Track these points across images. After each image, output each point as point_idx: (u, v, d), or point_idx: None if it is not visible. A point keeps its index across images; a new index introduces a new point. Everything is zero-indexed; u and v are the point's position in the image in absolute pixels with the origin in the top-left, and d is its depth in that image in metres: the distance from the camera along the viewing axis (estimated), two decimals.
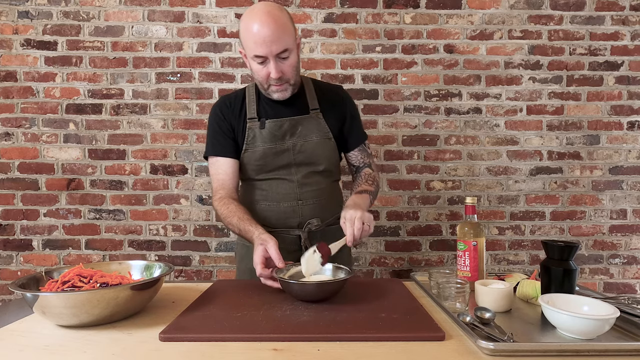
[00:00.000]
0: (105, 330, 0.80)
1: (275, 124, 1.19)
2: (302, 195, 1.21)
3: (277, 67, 1.08)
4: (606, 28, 2.04)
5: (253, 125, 1.20)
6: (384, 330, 0.76)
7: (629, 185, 2.07)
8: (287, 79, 1.13)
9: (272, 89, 1.15)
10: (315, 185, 1.23)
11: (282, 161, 1.20)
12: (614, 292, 2.07)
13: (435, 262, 2.08)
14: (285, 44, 1.07)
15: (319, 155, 1.22)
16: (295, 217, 1.22)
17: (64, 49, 1.99)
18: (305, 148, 1.20)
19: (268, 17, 1.04)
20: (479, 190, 2.07)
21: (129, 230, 2.02)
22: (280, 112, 1.20)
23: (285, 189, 1.21)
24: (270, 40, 1.04)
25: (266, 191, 1.23)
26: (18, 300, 1.01)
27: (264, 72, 1.11)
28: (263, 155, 1.19)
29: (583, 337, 0.72)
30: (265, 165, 1.20)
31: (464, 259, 1.03)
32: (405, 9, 2.02)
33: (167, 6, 1.99)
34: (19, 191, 2.00)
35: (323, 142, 1.22)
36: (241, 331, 0.76)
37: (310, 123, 1.21)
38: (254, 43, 1.05)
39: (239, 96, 1.25)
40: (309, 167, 1.21)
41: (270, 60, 1.07)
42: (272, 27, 1.04)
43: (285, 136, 1.19)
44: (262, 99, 1.23)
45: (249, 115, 1.20)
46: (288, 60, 1.10)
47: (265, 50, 1.05)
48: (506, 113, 2.05)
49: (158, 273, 0.98)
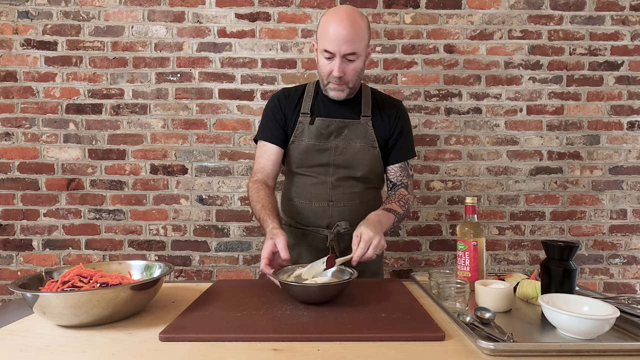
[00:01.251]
0: (105, 330, 0.80)
1: (324, 122, 1.23)
2: (334, 197, 1.24)
3: (340, 67, 1.12)
4: (606, 28, 2.04)
5: (304, 120, 1.24)
6: (384, 330, 0.76)
7: (629, 185, 2.07)
8: (346, 81, 1.17)
9: (330, 86, 1.18)
10: (349, 188, 1.25)
11: (323, 160, 1.23)
12: (614, 292, 2.07)
13: (435, 262, 2.08)
14: (355, 47, 1.11)
15: (359, 161, 1.24)
16: (324, 218, 1.25)
17: (64, 49, 1.99)
18: (346, 151, 1.23)
19: (348, 19, 1.09)
20: (479, 190, 2.07)
21: (129, 230, 2.02)
22: (332, 112, 1.24)
23: (318, 188, 1.24)
24: (342, 40, 1.09)
25: (299, 188, 1.27)
26: (18, 300, 1.01)
27: (327, 68, 1.15)
28: (306, 149, 1.23)
29: (583, 337, 0.72)
30: (306, 159, 1.24)
31: (464, 259, 1.03)
32: (405, 9, 2.02)
33: (167, 6, 1.99)
34: (19, 191, 2.00)
35: (366, 149, 1.24)
36: (241, 331, 0.76)
37: (357, 128, 1.24)
38: (327, 38, 1.10)
39: (299, 90, 1.30)
40: (346, 170, 1.24)
41: (337, 58, 1.11)
42: (348, 29, 1.09)
43: (330, 136, 1.23)
44: (320, 97, 1.27)
45: (303, 110, 1.25)
46: (353, 64, 1.14)
47: (335, 48, 1.10)
48: (506, 113, 2.05)
49: (158, 273, 0.98)
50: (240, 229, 2.03)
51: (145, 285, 0.85)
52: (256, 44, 2.01)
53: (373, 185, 1.32)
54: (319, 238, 1.26)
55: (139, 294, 0.84)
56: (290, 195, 1.30)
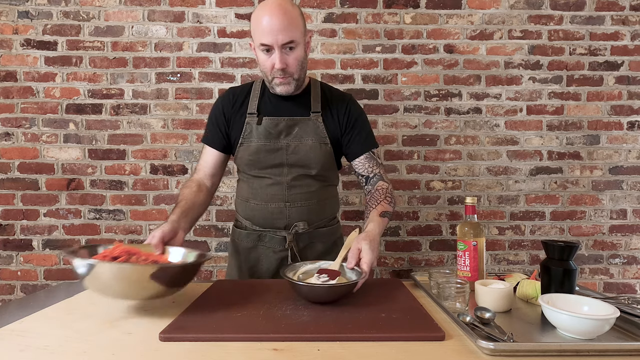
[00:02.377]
0: (105, 330, 0.80)
1: (272, 121, 1.19)
2: (290, 197, 1.21)
3: (281, 58, 1.09)
4: (606, 28, 2.04)
5: (251, 120, 1.21)
6: (384, 330, 0.76)
7: (629, 185, 2.07)
8: (291, 72, 1.13)
9: (275, 81, 1.15)
10: (305, 188, 1.22)
11: (275, 160, 1.20)
12: (614, 292, 2.07)
13: (435, 262, 2.08)
14: (292, 35, 1.08)
15: (312, 158, 1.20)
16: (282, 219, 1.22)
17: (64, 49, 1.99)
18: (299, 149, 1.19)
19: (278, 8, 1.07)
20: (479, 190, 2.07)
21: (129, 230, 2.02)
22: (280, 110, 1.21)
23: (273, 189, 1.21)
24: (277, 30, 1.06)
25: (255, 190, 1.24)
26: (18, 300, 1.01)
27: (269, 63, 1.12)
28: (257, 151, 1.20)
29: (583, 337, 0.72)
30: (257, 161, 1.20)
31: (464, 259, 1.03)
32: (405, 9, 2.02)
33: (167, 6, 1.99)
34: (19, 191, 2.00)
35: (318, 146, 1.21)
36: (241, 331, 0.76)
37: (307, 125, 1.21)
38: (262, 31, 1.08)
39: (245, 90, 1.27)
40: (301, 169, 1.21)
41: (275, 50, 1.09)
42: (281, 18, 1.06)
43: (280, 135, 1.19)
44: (266, 95, 1.24)
45: (249, 110, 1.22)
46: (293, 53, 1.11)
47: (271, 39, 1.07)
48: (506, 113, 2.05)
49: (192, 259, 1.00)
50: None
51: (193, 266, 0.90)
52: None
53: (329, 182, 1.29)
54: (277, 239, 1.24)
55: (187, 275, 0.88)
56: (246, 197, 1.26)
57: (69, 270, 2.01)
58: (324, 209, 1.27)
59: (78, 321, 0.85)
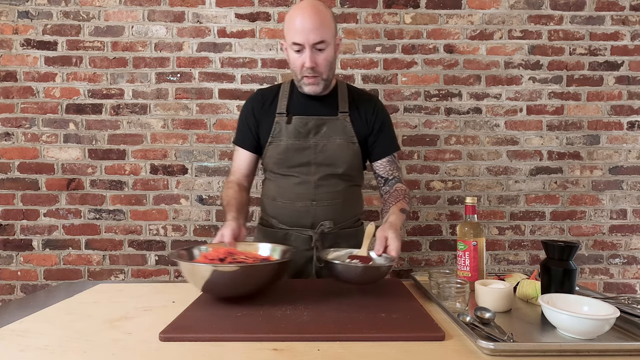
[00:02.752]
0: (105, 330, 0.80)
1: (301, 120, 1.22)
2: (317, 196, 1.22)
3: (311, 57, 1.12)
4: (606, 28, 2.04)
5: (280, 120, 1.23)
6: (384, 330, 0.76)
7: (629, 185, 2.07)
8: (320, 72, 1.16)
9: (304, 81, 1.18)
10: (332, 187, 1.23)
11: (303, 159, 1.22)
12: (614, 292, 2.07)
13: (435, 262, 2.08)
14: (322, 35, 1.11)
15: (340, 157, 1.22)
16: (308, 217, 1.23)
17: (64, 49, 1.99)
18: (327, 148, 1.22)
19: (311, 9, 1.11)
20: (479, 190, 2.07)
21: (129, 230, 2.02)
22: (308, 110, 1.23)
23: (301, 188, 1.23)
24: (308, 29, 1.10)
25: (282, 188, 1.25)
26: (18, 300, 1.01)
27: (299, 62, 1.15)
28: (286, 149, 1.22)
29: (583, 337, 0.72)
30: (286, 159, 1.22)
31: (464, 259, 1.03)
32: (405, 9, 2.02)
33: (167, 6, 1.99)
34: (19, 191, 2.00)
35: (346, 145, 1.23)
36: (241, 331, 0.76)
37: (335, 125, 1.23)
38: (294, 31, 1.11)
39: (273, 91, 1.30)
40: (328, 168, 1.22)
41: (306, 49, 1.12)
42: (313, 18, 1.10)
43: (309, 134, 1.22)
44: (295, 95, 1.26)
45: (279, 110, 1.24)
46: (323, 53, 1.14)
47: (302, 38, 1.10)
48: (506, 113, 2.05)
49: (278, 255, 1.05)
50: None
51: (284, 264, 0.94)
52: (256, 44, 2.01)
53: (354, 182, 1.31)
54: (303, 238, 1.24)
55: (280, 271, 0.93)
56: (272, 196, 1.28)
57: (69, 270, 2.01)
58: (349, 209, 1.28)
59: (78, 321, 0.85)
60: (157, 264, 2.03)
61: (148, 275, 2.03)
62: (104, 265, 2.02)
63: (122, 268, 2.03)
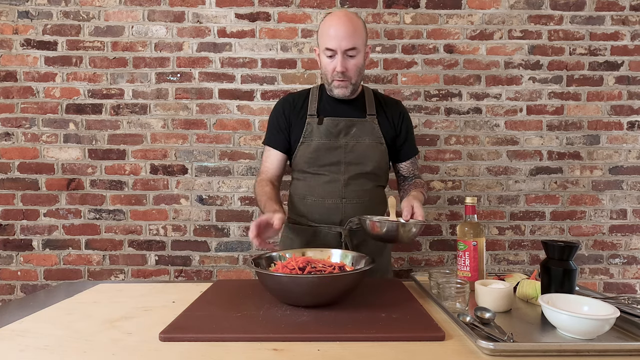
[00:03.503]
0: (105, 330, 0.80)
1: (332, 121, 1.28)
2: (346, 194, 1.28)
3: (342, 62, 1.20)
4: (606, 28, 2.04)
5: (312, 121, 1.30)
6: (384, 330, 0.76)
7: (629, 185, 2.07)
8: (349, 77, 1.23)
9: (334, 84, 1.25)
10: (360, 186, 1.29)
11: (334, 158, 1.27)
12: (614, 292, 2.07)
13: (435, 262, 2.08)
14: (354, 42, 1.19)
15: (368, 157, 1.29)
16: (337, 214, 1.28)
17: (64, 49, 1.99)
18: (356, 148, 1.28)
19: (345, 17, 1.20)
20: (479, 190, 2.07)
21: (129, 230, 2.02)
22: (338, 112, 1.30)
23: (330, 186, 1.28)
24: (342, 36, 1.17)
25: (313, 187, 1.30)
26: (18, 300, 1.01)
27: (331, 66, 1.22)
28: (317, 149, 1.27)
29: (583, 337, 0.72)
30: (317, 158, 1.28)
31: (464, 259, 1.03)
32: (405, 9, 2.02)
33: (167, 6, 1.99)
34: (19, 191, 2.00)
35: (374, 145, 1.30)
36: (241, 331, 0.76)
37: (364, 126, 1.30)
38: (328, 37, 1.19)
39: (303, 95, 1.36)
40: (357, 167, 1.28)
41: (338, 54, 1.19)
42: (347, 25, 1.18)
43: (339, 134, 1.28)
44: (324, 99, 1.33)
45: (310, 112, 1.31)
46: (354, 60, 1.21)
47: (335, 44, 1.18)
48: (506, 113, 2.05)
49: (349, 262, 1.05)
50: (240, 229, 2.03)
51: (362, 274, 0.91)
52: (256, 44, 2.01)
53: (380, 183, 1.36)
54: (331, 235, 1.29)
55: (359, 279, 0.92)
56: (302, 194, 1.32)
57: (69, 270, 2.01)
58: (375, 207, 1.33)
59: (78, 321, 0.85)
60: (157, 264, 2.03)
61: (148, 275, 2.03)
62: (104, 265, 2.02)
63: (122, 268, 2.03)
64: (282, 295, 0.91)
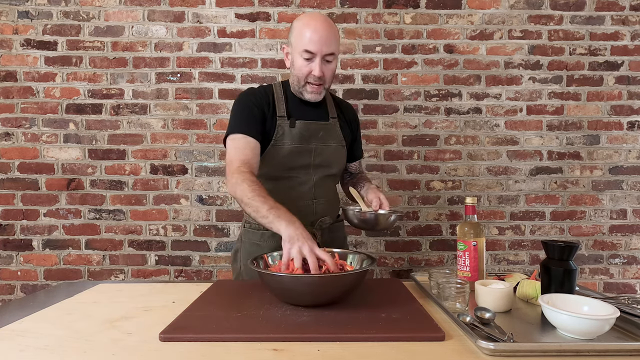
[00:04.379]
0: (105, 330, 0.80)
1: (305, 125, 1.25)
2: (317, 195, 1.29)
3: (321, 67, 1.17)
4: (606, 28, 2.04)
5: (283, 123, 1.23)
6: (384, 330, 0.76)
7: (629, 185, 2.07)
8: (324, 81, 1.21)
9: (307, 88, 1.21)
10: (327, 186, 1.33)
11: (303, 161, 1.26)
12: (614, 292, 2.07)
13: (435, 262, 2.08)
14: (333, 48, 1.17)
15: (334, 160, 1.31)
16: (310, 215, 1.27)
17: (64, 49, 1.99)
18: (324, 152, 1.28)
19: (326, 22, 1.17)
20: (479, 190, 2.07)
21: (129, 230, 2.02)
22: (306, 114, 1.26)
23: (303, 188, 1.27)
24: (323, 40, 1.14)
25: (282, 190, 1.25)
26: (18, 300, 1.01)
27: (306, 69, 1.18)
28: (289, 153, 1.24)
29: (583, 337, 0.72)
30: (288, 162, 1.25)
31: (464, 259, 1.03)
32: (405, 9, 2.02)
33: (167, 6, 1.99)
34: (19, 191, 2.00)
35: (338, 148, 1.32)
36: (241, 331, 0.76)
37: (329, 129, 1.30)
38: (309, 39, 1.14)
39: (268, 92, 1.27)
40: (324, 169, 1.29)
41: (317, 58, 1.16)
42: (328, 30, 1.15)
43: (310, 138, 1.26)
44: (290, 99, 1.27)
45: (279, 113, 1.24)
46: (331, 65, 1.20)
47: (316, 48, 1.14)
48: (506, 113, 2.05)
49: (352, 262, 1.05)
50: (240, 229, 2.03)
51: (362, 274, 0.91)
52: (256, 44, 2.01)
53: (337, 181, 1.43)
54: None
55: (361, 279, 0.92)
56: (273, 196, 1.19)
57: (69, 270, 2.01)
58: (337, 204, 1.39)
59: (78, 321, 0.85)
60: (157, 264, 2.03)
61: (148, 275, 2.03)
62: (104, 265, 2.02)
63: (122, 268, 2.03)
64: (284, 295, 0.91)
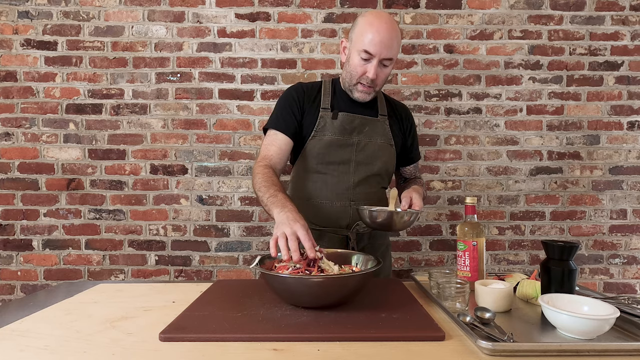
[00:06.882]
0: (105, 330, 0.80)
1: (347, 117, 1.23)
2: (355, 196, 1.24)
3: (376, 70, 1.14)
4: (606, 28, 2.04)
5: (325, 115, 1.23)
6: (384, 330, 0.76)
7: (629, 185, 2.07)
8: (376, 84, 1.19)
9: (358, 87, 1.19)
10: (368, 188, 1.26)
11: (344, 155, 1.23)
12: (614, 292, 2.07)
13: (435, 262, 2.08)
14: (393, 53, 1.14)
15: (378, 157, 1.26)
16: (345, 218, 1.24)
17: (64, 49, 1.99)
18: (367, 147, 1.24)
19: (391, 25, 1.13)
20: (479, 190, 2.07)
21: (129, 230, 2.02)
22: (352, 109, 1.25)
23: (340, 188, 1.24)
24: (384, 44, 1.11)
25: (320, 188, 1.24)
26: (18, 300, 1.01)
27: (361, 70, 1.16)
28: (329, 144, 1.22)
29: (583, 337, 0.72)
30: (327, 154, 1.23)
31: (464, 259, 1.03)
32: (405, 9, 2.02)
33: (167, 6, 1.99)
34: (19, 191, 2.00)
35: (385, 146, 1.27)
36: (241, 331, 0.76)
37: (377, 126, 1.27)
38: (370, 40, 1.11)
39: (315, 87, 1.29)
40: (366, 167, 1.25)
41: (374, 60, 1.13)
42: (392, 34, 1.12)
43: (353, 131, 1.23)
44: (338, 95, 1.27)
45: (323, 105, 1.24)
46: (386, 69, 1.17)
47: (376, 50, 1.11)
48: (506, 113, 2.05)
49: (357, 263, 1.03)
50: (240, 229, 2.03)
51: (368, 275, 0.89)
52: (256, 44, 2.01)
53: (383, 185, 1.34)
54: (337, 239, 1.24)
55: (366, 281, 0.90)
56: (306, 196, 1.25)
57: (69, 270, 2.01)
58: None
59: (78, 321, 0.85)
60: (157, 264, 2.03)
61: (148, 275, 2.03)
62: (104, 265, 2.02)
63: (122, 268, 2.03)
64: (289, 296, 0.90)
